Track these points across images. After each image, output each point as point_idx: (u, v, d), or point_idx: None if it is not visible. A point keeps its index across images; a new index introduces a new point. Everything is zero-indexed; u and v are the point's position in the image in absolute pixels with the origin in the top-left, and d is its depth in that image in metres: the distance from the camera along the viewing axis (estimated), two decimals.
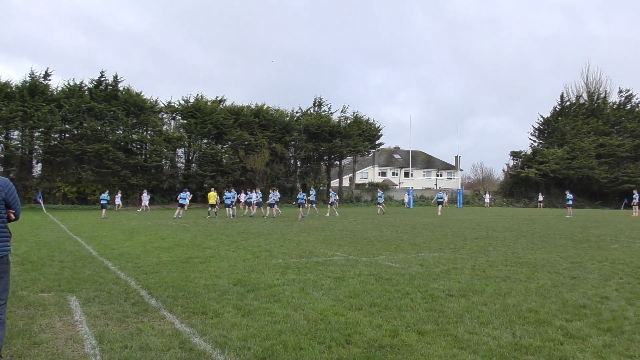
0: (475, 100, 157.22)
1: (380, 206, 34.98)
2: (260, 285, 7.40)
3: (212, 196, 28.20)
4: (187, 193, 28.96)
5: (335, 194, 33.54)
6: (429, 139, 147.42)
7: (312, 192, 31.07)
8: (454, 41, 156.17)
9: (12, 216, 4.21)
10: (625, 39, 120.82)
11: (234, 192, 30.30)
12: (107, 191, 29.60)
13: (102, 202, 27.64)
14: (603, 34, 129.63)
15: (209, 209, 28.58)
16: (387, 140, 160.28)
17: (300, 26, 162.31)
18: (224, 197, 28.68)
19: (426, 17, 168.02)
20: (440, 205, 35.56)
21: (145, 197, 37.64)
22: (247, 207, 31.71)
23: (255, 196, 29.55)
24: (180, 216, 26.88)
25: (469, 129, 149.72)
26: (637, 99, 63.43)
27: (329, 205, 32.46)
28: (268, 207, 28.34)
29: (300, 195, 27.56)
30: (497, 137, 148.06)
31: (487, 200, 54.94)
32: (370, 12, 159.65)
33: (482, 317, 5.64)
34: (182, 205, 28.04)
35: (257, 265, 9.42)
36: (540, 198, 51.73)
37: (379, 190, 41.28)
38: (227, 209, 28.30)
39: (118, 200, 37.03)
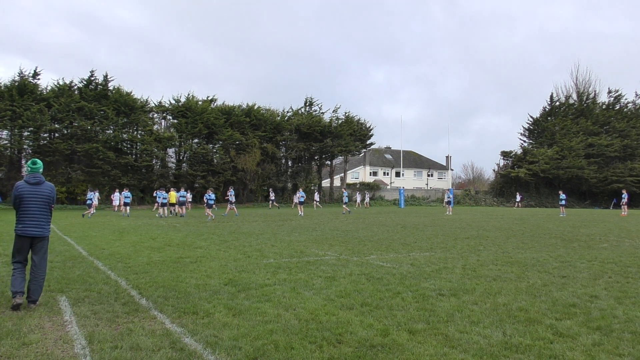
0: (477, 99, 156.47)
1: (345, 206, 33.62)
2: (251, 285, 7.38)
3: (173, 196, 29.00)
4: (213, 194, 28.24)
5: (303, 193, 32.97)
6: (429, 138, 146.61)
7: (231, 193, 30.07)
8: (461, 38, 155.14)
9: None
10: (622, 37, 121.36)
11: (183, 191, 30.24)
12: (95, 190, 30.07)
13: (88, 202, 28.45)
14: (610, 31, 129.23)
15: (171, 208, 29.74)
16: (388, 138, 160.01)
17: (302, 22, 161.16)
18: (157, 196, 29.41)
19: (442, 12, 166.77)
20: (449, 205, 35.05)
21: (116, 197, 35.50)
22: (179, 207, 30.05)
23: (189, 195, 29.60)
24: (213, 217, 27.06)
25: (469, 128, 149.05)
26: (625, 99, 64.26)
27: (299, 205, 31.67)
28: (207, 208, 27.56)
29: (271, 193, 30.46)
30: (497, 136, 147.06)
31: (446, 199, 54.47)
32: (373, 9, 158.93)
33: (472, 316, 5.67)
34: (210, 206, 27.47)
35: (248, 265, 9.40)
36: (518, 198, 51.92)
37: (343, 190, 41.04)
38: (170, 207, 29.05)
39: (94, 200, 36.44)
